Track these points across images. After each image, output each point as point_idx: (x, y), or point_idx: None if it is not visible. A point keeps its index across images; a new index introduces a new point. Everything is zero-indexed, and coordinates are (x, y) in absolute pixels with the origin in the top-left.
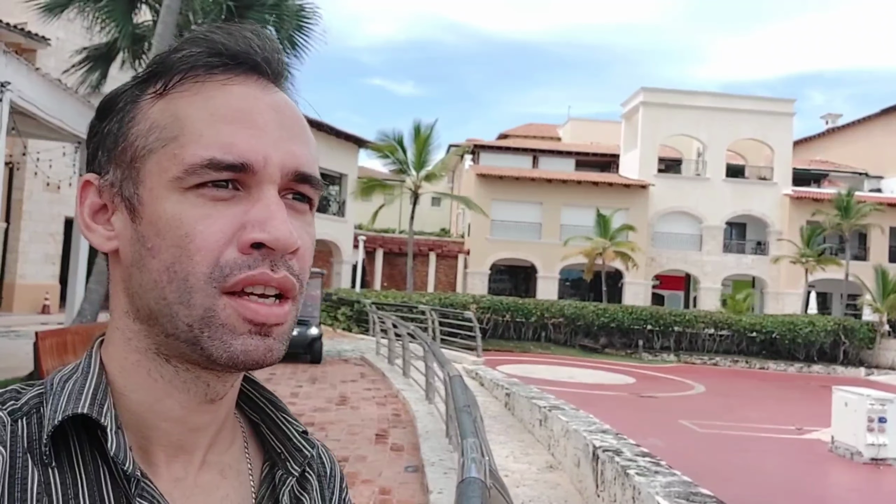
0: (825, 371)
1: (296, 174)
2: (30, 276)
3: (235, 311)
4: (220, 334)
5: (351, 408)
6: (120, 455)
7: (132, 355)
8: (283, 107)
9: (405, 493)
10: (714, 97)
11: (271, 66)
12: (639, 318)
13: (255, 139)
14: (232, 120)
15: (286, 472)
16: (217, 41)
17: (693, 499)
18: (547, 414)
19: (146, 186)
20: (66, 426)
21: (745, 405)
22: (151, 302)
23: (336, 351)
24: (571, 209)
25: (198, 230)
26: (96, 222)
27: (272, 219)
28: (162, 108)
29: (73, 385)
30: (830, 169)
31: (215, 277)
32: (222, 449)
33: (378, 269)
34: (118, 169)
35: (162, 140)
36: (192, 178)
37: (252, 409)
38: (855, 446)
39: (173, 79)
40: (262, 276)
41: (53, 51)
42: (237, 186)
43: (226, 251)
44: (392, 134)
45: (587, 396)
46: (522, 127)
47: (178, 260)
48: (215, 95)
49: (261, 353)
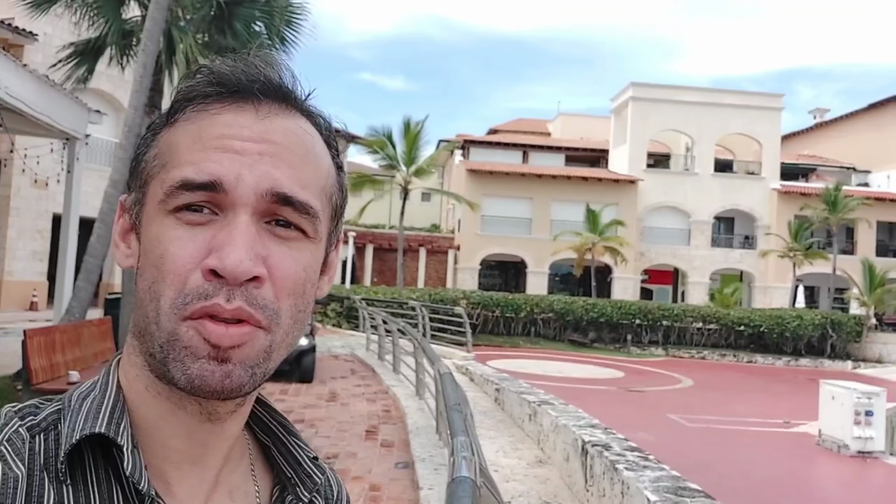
0: (813, 364)
1: (274, 195)
2: (17, 273)
3: (196, 333)
4: (181, 356)
5: (341, 404)
6: (135, 474)
7: (133, 370)
8: (274, 135)
9: (395, 490)
10: (703, 92)
11: (271, 93)
12: (627, 312)
13: (229, 160)
14: (212, 146)
15: (296, 497)
16: (217, 71)
17: (681, 493)
18: (536, 409)
19: (146, 210)
20: (83, 444)
21: (733, 399)
22: (140, 319)
23: (326, 348)
24: (561, 204)
25: (170, 252)
26: (123, 241)
27: (228, 244)
28: (166, 136)
29: (91, 403)
30: (818, 163)
31: (178, 305)
32: (231, 468)
33: (368, 265)
34: (135, 193)
35: (158, 166)
36: (172, 201)
37: (263, 431)
38: (842, 439)
39: (178, 109)
40: (214, 308)
41: (41, 46)
42: (215, 211)
43: (192, 275)
44: (382, 129)
45: (576, 391)
46: (512, 122)
47: (156, 280)
48: (205, 125)
49: (217, 378)
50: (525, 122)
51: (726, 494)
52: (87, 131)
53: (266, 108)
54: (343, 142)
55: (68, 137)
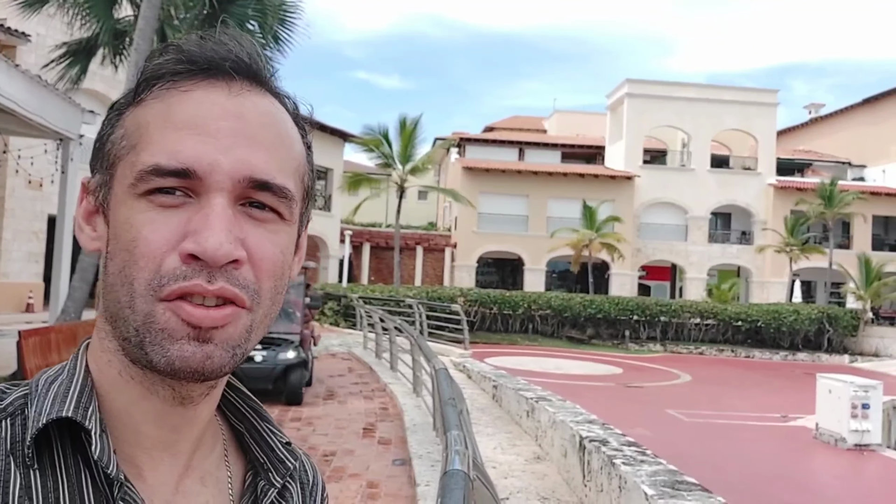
0: (810, 359)
1: (251, 181)
2: (13, 275)
3: (174, 314)
4: (159, 339)
5: (338, 402)
6: (104, 458)
7: (105, 355)
8: (248, 112)
9: (393, 486)
10: (698, 88)
11: (243, 71)
12: (625, 308)
13: (203, 145)
14: (182, 126)
15: (268, 482)
16: (185, 49)
17: (678, 487)
18: (534, 405)
19: (114, 192)
20: (50, 428)
21: (731, 394)
22: (111, 303)
23: (323, 346)
24: (558, 201)
25: (143, 235)
26: (88, 223)
27: (206, 229)
28: (133, 116)
29: (59, 387)
30: (814, 158)
31: (153, 286)
32: (204, 454)
33: (365, 264)
34: (100, 174)
35: (126, 147)
36: (142, 185)
37: (236, 417)
38: (839, 433)
39: (145, 87)
40: (196, 287)
41: (34, 47)
42: (188, 194)
43: (167, 259)
44: (377, 128)
45: (574, 387)
46: (508, 119)
47: (127, 264)
48: (174, 102)
49: (198, 359)
50: (521, 120)
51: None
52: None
53: (238, 85)
54: (339, 140)
55: (62, 138)
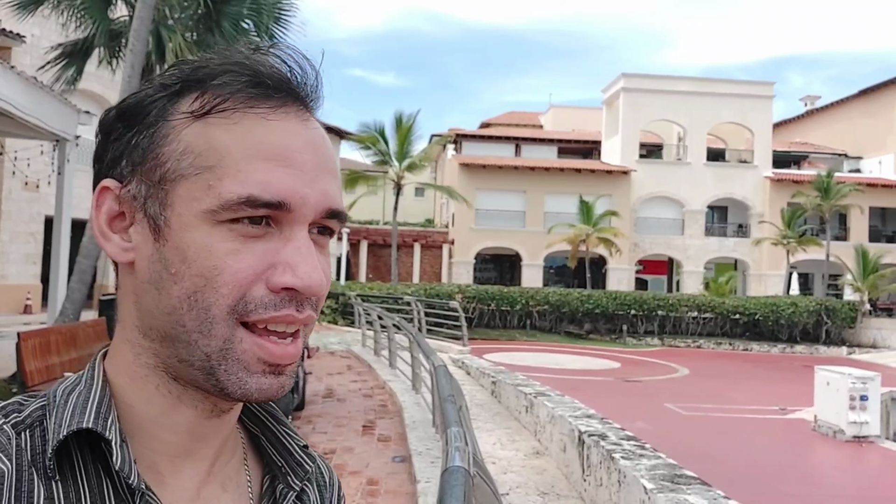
0: (808, 351)
1: (329, 212)
2: (11, 277)
3: (251, 350)
4: (236, 370)
5: (338, 400)
6: (125, 468)
7: (141, 370)
8: (320, 143)
9: (393, 483)
10: (694, 82)
11: (311, 97)
12: (623, 303)
13: (293, 178)
14: (271, 157)
15: (287, 486)
16: (262, 70)
17: (677, 480)
18: (533, 401)
19: (174, 210)
20: (70, 439)
21: (730, 387)
22: (167, 326)
23: (322, 344)
24: (555, 196)
25: (227, 264)
26: (112, 230)
27: (303, 264)
28: (197, 133)
29: (77, 398)
30: (810, 151)
31: (238, 310)
32: (225, 460)
33: (363, 261)
34: (143, 184)
35: (195, 167)
36: (227, 213)
37: (252, 421)
38: (837, 424)
39: (214, 104)
40: (288, 318)
41: (29, 48)
42: (269, 223)
43: (253, 288)
44: (374, 125)
45: (573, 382)
46: (504, 115)
47: (202, 290)
48: (254, 129)
49: (274, 390)
50: (517, 115)
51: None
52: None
53: (304, 111)
54: (335, 138)
55: (58, 139)
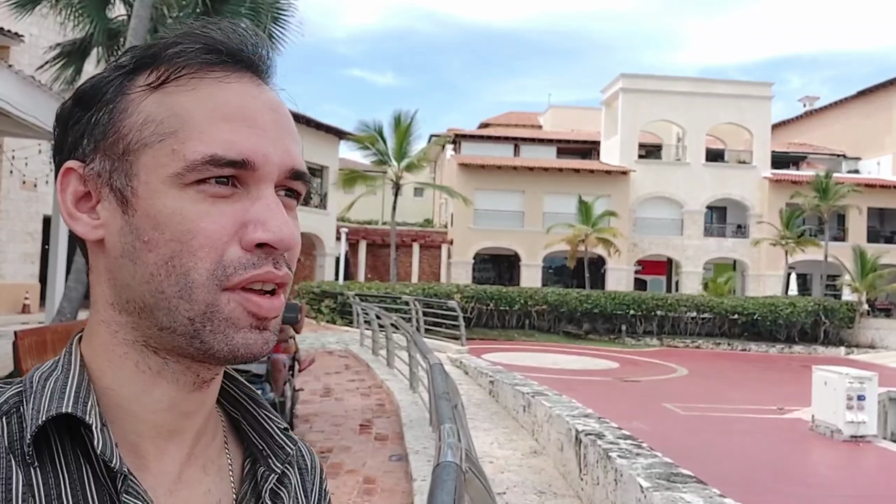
0: (806, 351)
1: (292, 171)
2: (9, 276)
3: (240, 305)
4: (222, 328)
5: (335, 399)
6: (107, 452)
7: (119, 347)
8: (278, 105)
9: (389, 482)
10: (693, 82)
11: (264, 64)
12: (622, 303)
13: (255, 137)
14: (232, 117)
15: (268, 469)
16: (214, 37)
17: (674, 479)
18: (530, 400)
19: (140, 179)
20: (48, 425)
21: (728, 387)
22: (146, 295)
23: (320, 343)
24: (553, 197)
25: (200, 226)
26: (80, 210)
27: (274, 218)
28: (156, 102)
29: (55, 383)
30: (809, 151)
31: (218, 275)
32: (206, 442)
33: (362, 261)
34: (106, 159)
35: (158, 135)
36: (193, 175)
37: (232, 405)
38: (835, 424)
39: (169, 73)
40: (268, 275)
41: (27, 47)
42: (235, 184)
43: (229, 248)
44: (372, 125)
45: (571, 382)
46: (503, 115)
47: (178, 255)
48: (214, 92)
49: (259, 345)
50: (516, 116)
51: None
52: None
53: (258, 78)
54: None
55: None
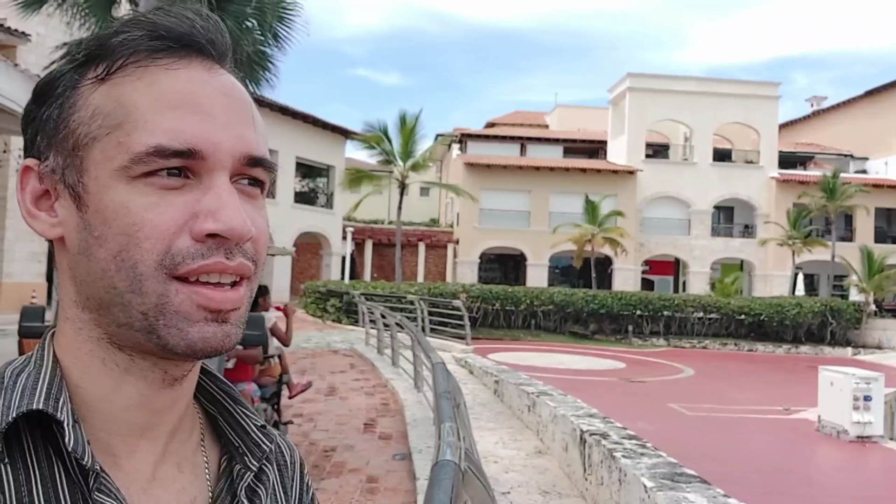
0: (813, 352)
1: (248, 158)
2: (16, 275)
3: (189, 298)
4: (175, 322)
5: (340, 398)
6: (78, 449)
7: (85, 345)
8: (231, 89)
9: (393, 481)
10: (700, 82)
11: (216, 48)
12: (628, 303)
13: (203, 124)
14: (178, 105)
15: (244, 466)
16: (159, 24)
17: (678, 479)
18: (535, 400)
19: (91, 175)
20: (20, 422)
21: (734, 387)
22: (101, 291)
23: (326, 342)
24: (560, 196)
25: (146, 218)
26: (39, 209)
27: (225, 208)
28: (104, 94)
29: (27, 379)
30: (816, 151)
31: (166, 264)
32: (182, 440)
33: (367, 261)
34: (59, 156)
35: (105, 127)
36: (139, 167)
37: (209, 401)
38: (841, 425)
39: (115, 63)
40: (217, 265)
41: (34, 47)
42: (187, 174)
43: (177, 240)
44: (377, 125)
45: (577, 382)
46: (509, 115)
47: (126, 248)
48: (159, 80)
49: (218, 339)
50: (522, 115)
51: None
52: None
53: (211, 62)
54: (340, 138)
55: None
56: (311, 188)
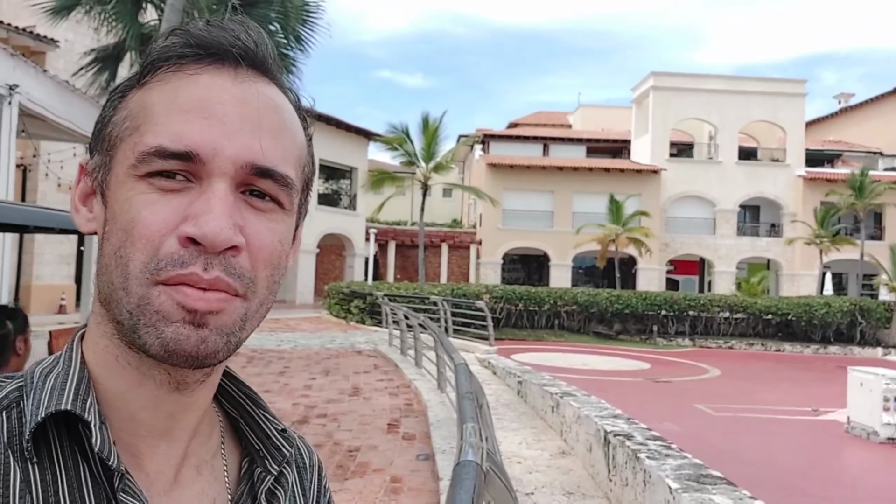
0: (842, 352)
1: (253, 168)
2: (46, 277)
3: (170, 297)
4: (153, 321)
5: (364, 398)
6: (104, 450)
7: (102, 340)
8: (253, 99)
9: (416, 481)
10: (725, 80)
11: (249, 57)
12: (653, 303)
13: (209, 129)
14: (188, 109)
15: (265, 470)
16: (194, 33)
17: (703, 481)
18: (559, 400)
19: (114, 173)
20: (48, 421)
21: (761, 388)
22: (104, 285)
23: (349, 343)
24: (583, 196)
25: (142, 216)
26: (84, 205)
27: (207, 213)
28: (137, 99)
29: (55, 380)
30: (844, 149)
31: (150, 269)
32: (201, 442)
33: (391, 262)
34: (99, 155)
35: (130, 129)
36: (143, 167)
37: (231, 404)
38: (871, 426)
39: (151, 70)
40: (192, 277)
41: (63, 53)
42: (190, 178)
43: (166, 241)
44: (400, 126)
45: (602, 383)
46: (532, 115)
47: (124, 244)
48: (182, 85)
49: (192, 343)
50: (545, 115)
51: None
52: None
53: (244, 72)
54: (363, 139)
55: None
56: (334, 190)
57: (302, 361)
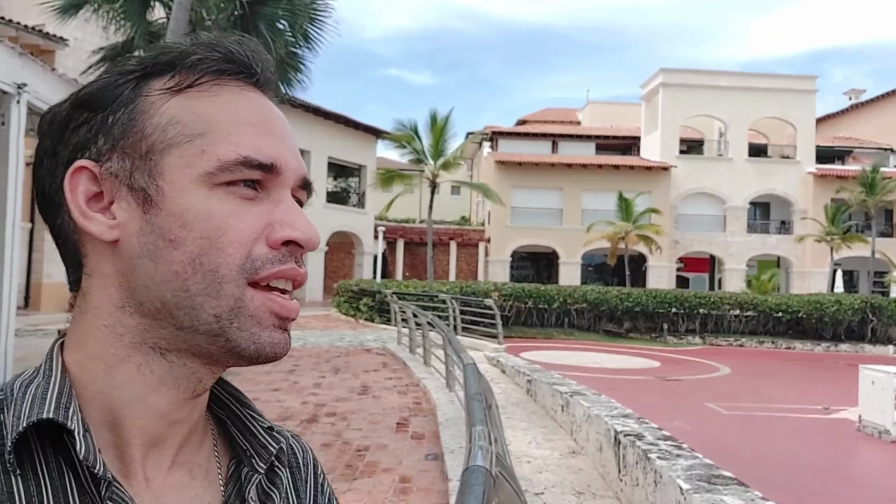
0: (853, 350)
1: (303, 180)
2: (56, 276)
3: (263, 304)
4: (248, 325)
5: (373, 397)
6: (90, 458)
7: (122, 351)
8: (284, 117)
9: (425, 481)
10: (734, 76)
11: (266, 78)
12: (663, 301)
13: (277, 143)
14: (255, 124)
15: (252, 469)
16: (231, 49)
17: (714, 481)
18: (569, 400)
19: (166, 179)
20: (29, 432)
21: (772, 386)
22: (167, 294)
23: (358, 341)
24: (592, 194)
25: (230, 224)
26: (99, 211)
27: (299, 219)
28: (181, 106)
29: (36, 390)
30: (854, 145)
31: (247, 268)
32: (193, 448)
33: (399, 260)
34: (126, 159)
35: (186, 136)
36: (225, 175)
37: (218, 405)
38: (883, 424)
39: (192, 79)
40: (292, 271)
41: (72, 51)
42: (257, 188)
43: (256, 246)
44: (408, 124)
45: (611, 381)
46: (541, 112)
47: (207, 252)
48: (235, 100)
49: (282, 346)
50: (554, 112)
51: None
52: None
53: (264, 90)
54: (371, 137)
55: None
56: (342, 188)
57: (311, 359)
